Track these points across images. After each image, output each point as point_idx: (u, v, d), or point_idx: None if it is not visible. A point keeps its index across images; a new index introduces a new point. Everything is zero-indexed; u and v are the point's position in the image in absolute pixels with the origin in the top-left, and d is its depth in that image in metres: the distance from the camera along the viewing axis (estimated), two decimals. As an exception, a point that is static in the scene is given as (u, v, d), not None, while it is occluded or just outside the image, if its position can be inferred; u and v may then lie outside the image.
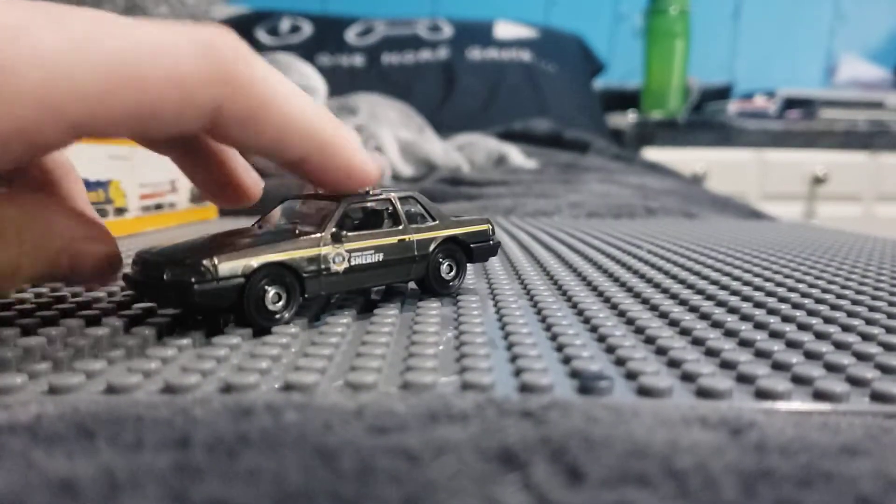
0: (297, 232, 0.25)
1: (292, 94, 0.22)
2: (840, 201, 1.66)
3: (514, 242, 0.50)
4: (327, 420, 0.15)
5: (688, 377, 0.19)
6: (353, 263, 0.25)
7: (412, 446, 0.14)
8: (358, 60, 1.60)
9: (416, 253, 0.27)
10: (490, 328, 0.24)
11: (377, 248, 0.26)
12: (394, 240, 0.27)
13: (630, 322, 0.25)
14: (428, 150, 0.98)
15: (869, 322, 0.26)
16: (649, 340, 0.23)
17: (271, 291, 0.23)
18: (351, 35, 1.66)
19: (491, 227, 0.30)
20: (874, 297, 0.30)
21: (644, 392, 0.18)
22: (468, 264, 0.30)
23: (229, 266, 0.22)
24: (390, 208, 0.27)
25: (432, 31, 1.67)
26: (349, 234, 0.25)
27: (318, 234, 0.25)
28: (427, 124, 1.14)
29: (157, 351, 0.20)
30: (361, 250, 0.26)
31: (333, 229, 0.25)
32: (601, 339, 0.23)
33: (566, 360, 0.20)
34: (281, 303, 0.23)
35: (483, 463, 0.13)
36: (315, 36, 1.62)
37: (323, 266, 0.24)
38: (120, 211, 0.52)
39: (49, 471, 0.12)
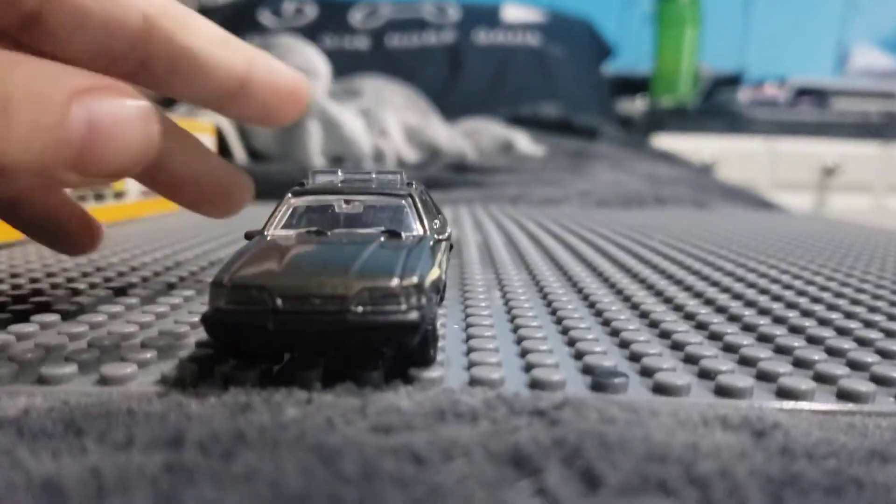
0: None
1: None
2: (851, 192, 1.65)
3: (522, 231, 0.49)
4: (329, 417, 0.14)
5: (706, 374, 0.18)
6: None
7: (418, 447, 0.13)
8: (362, 43, 1.58)
9: None
10: (498, 320, 0.23)
11: None
12: None
13: (644, 315, 0.24)
14: (433, 135, 0.97)
15: (891, 318, 0.25)
16: (665, 335, 0.22)
17: None
18: (355, 17, 1.64)
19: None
20: (893, 291, 0.29)
21: (660, 390, 0.17)
22: None
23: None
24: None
25: (438, 14, 1.65)
26: None
27: None
28: (432, 109, 1.13)
29: (153, 341, 0.20)
30: None
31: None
32: (615, 333, 0.22)
33: (578, 356, 0.19)
34: None
35: (493, 466, 0.12)
36: (319, 18, 1.60)
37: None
38: (119, 195, 0.51)
39: (32, 471, 0.12)
